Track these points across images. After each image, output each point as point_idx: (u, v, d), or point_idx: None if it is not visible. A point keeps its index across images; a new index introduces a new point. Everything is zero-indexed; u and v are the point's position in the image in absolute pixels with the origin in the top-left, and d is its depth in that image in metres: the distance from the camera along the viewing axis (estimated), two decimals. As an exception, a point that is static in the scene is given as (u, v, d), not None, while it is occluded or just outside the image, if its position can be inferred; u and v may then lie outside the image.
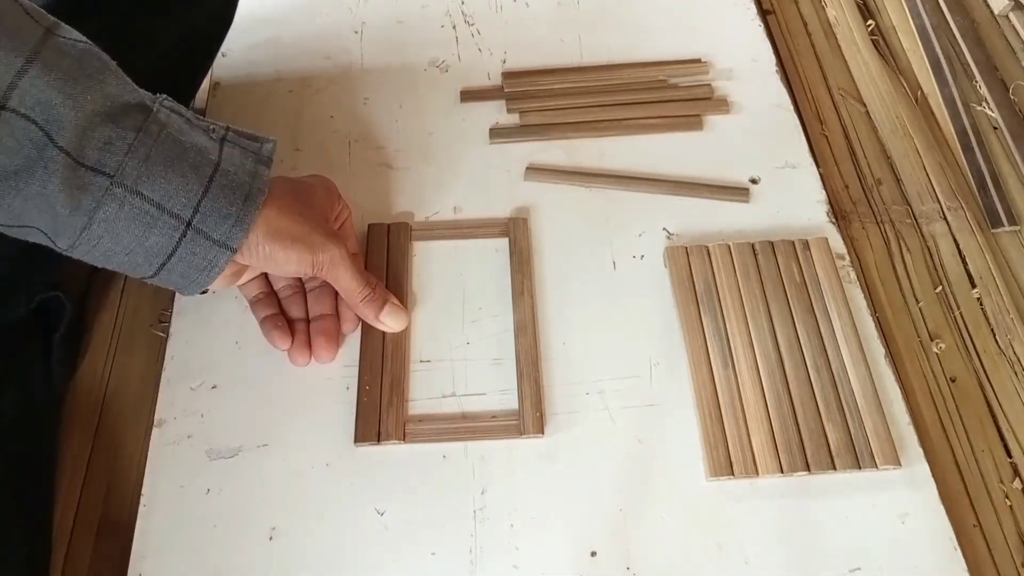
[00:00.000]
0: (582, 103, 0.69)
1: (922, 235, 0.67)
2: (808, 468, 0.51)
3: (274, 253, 0.48)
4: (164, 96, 0.46)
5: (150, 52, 0.56)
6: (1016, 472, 0.56)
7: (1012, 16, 0.81)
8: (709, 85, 0.70)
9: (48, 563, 0.52)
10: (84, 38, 0.42)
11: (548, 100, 0.69)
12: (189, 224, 0.44)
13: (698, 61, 0.71)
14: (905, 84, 0.77)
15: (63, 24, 0.42)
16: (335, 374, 0.55)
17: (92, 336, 0.61)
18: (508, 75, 0.71)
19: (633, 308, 0.59)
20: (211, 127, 0.47)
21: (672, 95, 0.70)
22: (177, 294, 0.58)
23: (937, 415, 0.58)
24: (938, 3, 0.82)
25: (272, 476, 0.52)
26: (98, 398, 0.58)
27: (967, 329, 0.62)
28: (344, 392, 0.55)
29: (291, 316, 0.56)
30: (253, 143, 0.49)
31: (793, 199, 0.64)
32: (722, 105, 0.69)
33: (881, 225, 0.68)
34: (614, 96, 0.69)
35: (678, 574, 0.49)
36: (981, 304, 0.64)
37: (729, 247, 0.60)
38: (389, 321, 0.55)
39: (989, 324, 0.63)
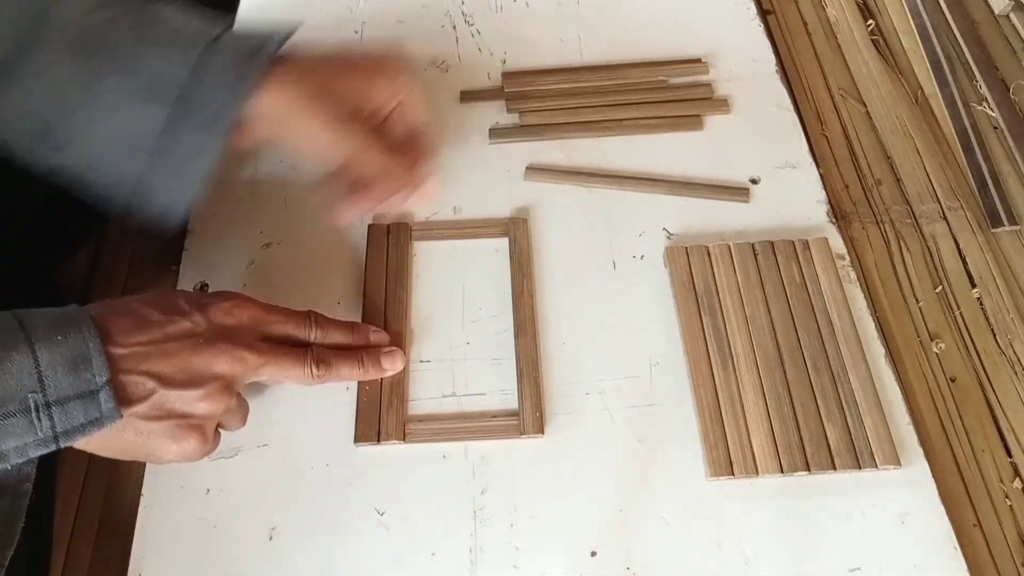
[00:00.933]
0: (582, 103, 0.69)
1: (922, 235, 0.67)
2: (808, 468, 0.51)
3: (291, 124, 0.48)
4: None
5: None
6: (1016, 472, 0.56)
7: (1012, 16, 0.81)
8: (709, 85, 0.70)
9: (48, 563, 0.52)
10: None
11: (548, 100, 0.69)
12: (182, 94, 0.43)
13: (698, 61, 0.71)
14: (905, 84, 0.77)
15: None
16: (335, 374, 0.55)
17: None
18: (508, 75, 0.71)
19: (633, 308, 0.59)
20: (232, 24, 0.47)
21: (672, 95, 0.70)
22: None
23: (937, 415, 0.59)
24: (938, 3, 0.82)
25: (272, 476, 0.52)
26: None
27: (967, 329, 0.62)
28: (344, 392, 0.55)
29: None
30: (266, 30, 0.48)
31: (793, 199, 0.64)
32: (722, 105, 0.69)
33: (881, 225, 0.68)
34: (614, 96, 0.69)
35: (678, 574, 0.49)
36: (981, 304, 0.64)
37: (729, 247, 0.60)
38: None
39: (989, 324, 0.63)
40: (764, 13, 0.79)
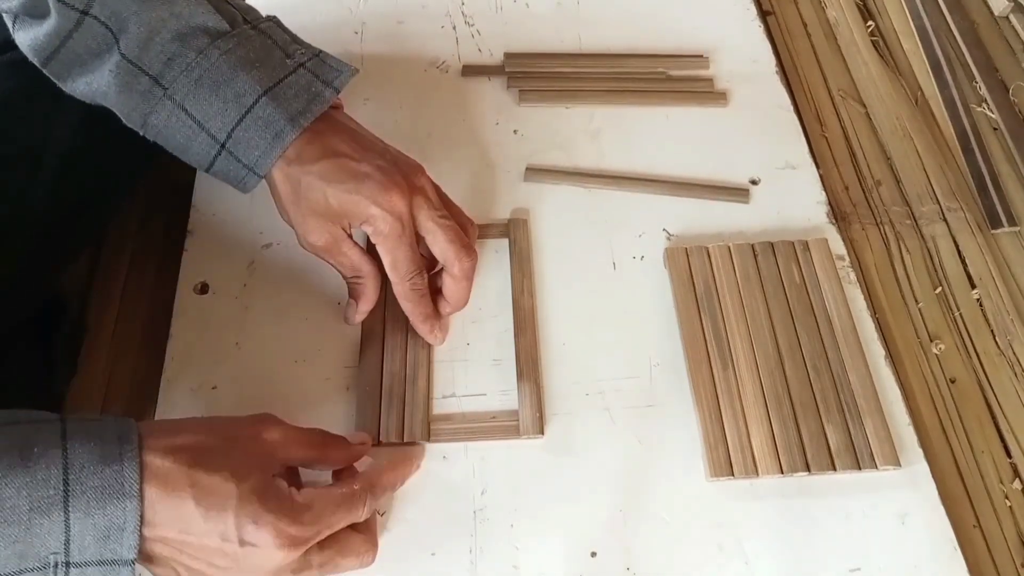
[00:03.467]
0: (582, 87, 0.70)
1: (922, 236, 0.67)
2: (808, 469, 0.51)
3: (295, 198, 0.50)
4: (266, 19, 0.52)
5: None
6: (1016, 472, 0.56)
7: (1012, 17, 0.81)
8: (710, 80, 0.70)
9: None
10: None
11: (549, 81, 0.71)
12: (223, 146, 0.49)
13: (699, 56, 0.72)
14: (905, 85, 0.77)
15: None
16: (335, 374, 0.55)
17: (92, 336, 0.61)
18: (510, 56, 0.72)
19: (633, 308, 0.59)
20: (295, 53, 0.51)
21: (672, 87, 0.70)
22: (177, 295, 0.58)
23: (937, 416, 0.58)
24: (938, 4, 0.82)
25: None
26: (98, 399, 0.58)
27: (967, 330, 0.62)
28: (344, 392, 0.55)
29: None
30: (319, 77, 0.51)
31: (793, 200, 0.64)
32: (720, 98, 0.69)
33: (881, 226, 0.68)
34: (615, 83, 0.70)
35: (678, 574, 0.49)
36: (981, 305, 0.64)
37: (729, 248, 0.60)
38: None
39: (989, 325, 0.63)
40: (764, 14, 0.79)
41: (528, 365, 0.55)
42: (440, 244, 0.52)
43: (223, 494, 0.40)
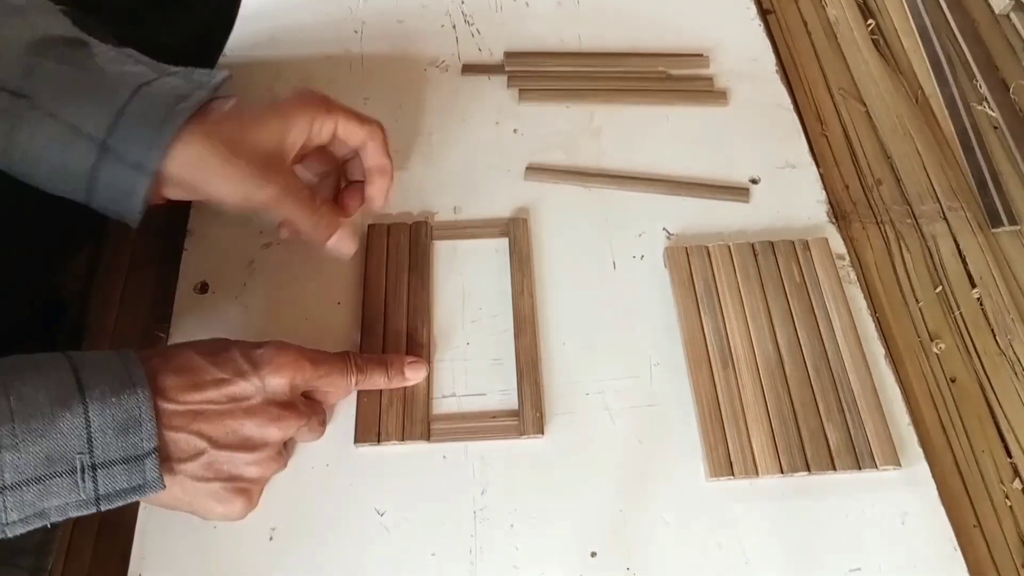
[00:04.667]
0: (583, 86, 0.70)
1: (922, 235, 0.67)
2: (808, 468, 0.51)
3: (202, 180, 0.46)
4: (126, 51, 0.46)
5: (152, 52, 0.56)
6: (1016, 472, 0.56)
7: (1012, 16, 0.81)
8: (710, 79, 0.70)
9: (48, 563, 0.52)
10: None
11: (549, 81, 0.71)
12: (104, 146, 0.43)
13: (699, 55, 0.72)
14: (905, 84, 0.77)
15: None
16: (335, 374, 0.55)
17: (92, 336, 0.61)
18: (510, 55, 0.72)
19: (633, 308, 0.59)
20: (161, 67, 0.46)
21: (672, 86, 0.70)
22: (177, 295, 0.58)
23: (937, 415, 0.59)
24: (938, 3, 0.82)
25: (272, 476, 0.52)
26: (98, 398, 0.58)
27: (967, 329, 0.62)
28: (344, 392, 0.55)
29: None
30: (194, 79, 0.47)
31: (793, 199, 0.64)
32: (720, 97, 0.69)
33: (881, 225, 0.68)
34: (616, 82, 0.70)
35: (678, 574, 0.49)
36: (981, 304, 0.64)
37: (729, 247, 0.60)
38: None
39: (989, 324, 0.63)
40: (764, 13, 0.79)
41: (528, 365, 0.55)
42: (354, 131, 0.53)
43: (221, 343, 0.46)
